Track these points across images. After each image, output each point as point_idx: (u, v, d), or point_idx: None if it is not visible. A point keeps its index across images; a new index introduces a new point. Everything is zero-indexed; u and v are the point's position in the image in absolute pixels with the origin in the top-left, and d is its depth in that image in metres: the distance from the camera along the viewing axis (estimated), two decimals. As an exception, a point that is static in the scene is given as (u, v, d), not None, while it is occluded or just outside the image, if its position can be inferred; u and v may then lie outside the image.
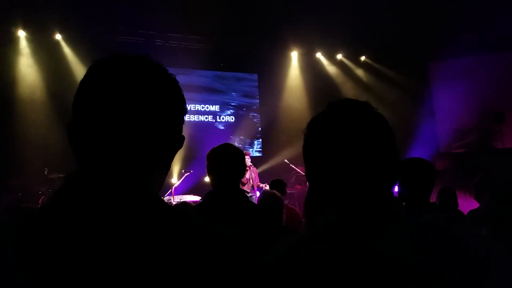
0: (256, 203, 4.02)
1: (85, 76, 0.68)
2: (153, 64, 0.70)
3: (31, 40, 7.17)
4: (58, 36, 7.29)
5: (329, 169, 0.78)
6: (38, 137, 6.55)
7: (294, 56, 9.60)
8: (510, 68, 8.64)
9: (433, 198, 3.42)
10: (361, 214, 0.76)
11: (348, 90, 9.48)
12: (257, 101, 9.77)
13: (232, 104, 9.55)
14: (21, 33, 7.07)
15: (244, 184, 6.30)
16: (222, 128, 9.23)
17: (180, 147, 0.74)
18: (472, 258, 0.73)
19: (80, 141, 0.65)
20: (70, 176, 0.63)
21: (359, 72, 9.84)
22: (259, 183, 6.55)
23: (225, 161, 1.82)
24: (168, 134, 0.70)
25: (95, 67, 0.68)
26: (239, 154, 1.88)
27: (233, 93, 9.58)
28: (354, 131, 0.77)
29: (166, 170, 0.73)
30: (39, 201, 5.78)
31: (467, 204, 3.86)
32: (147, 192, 0.65)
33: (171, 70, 0.72)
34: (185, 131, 0.74)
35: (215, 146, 1.91)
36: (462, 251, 0.73)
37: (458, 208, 3.31)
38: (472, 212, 2.95)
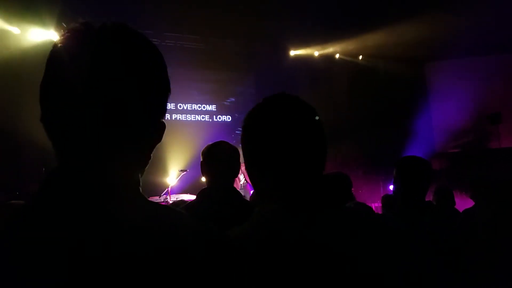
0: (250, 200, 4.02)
1: (48, 60, 0.59)
2: (131, 34, 0.60)
3: (25, 37, 7.12)
4: (52, 34, 7.25)
5: (262, 161, 0.81)
6: (36, 136, 6.49)
7: (291, 55, 9.59)
8: (507, 69, 8.69)
9: (429, 198, 3.44)
10: (293, 205, 0.78)
11: (345, 89, 9.49)
12: (254, 101, 9.73)
13: (229, 104, 9.54)
14: (16, 30, 7.03)
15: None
16: (219, 127, 9.20)
17: (161, 138, 0.64)
18: (390, 234, 0.79)
19: (55, 133, 0.59)
20: (51, 173, 0.57)
21: (356, 71, 9.85)
22: None
23: (220, 158, 1.80)
24: (150, 121, 0.61)
25: (59, 48, 0.58)
26: (235, 151, 1.87)
27: (229, 93, 9.56)
28: (282, 123, 0.80)
29: (144, 164, 0.64)
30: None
31: (463, 203, 3.87)
32: (126, 188, 0.58)
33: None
34: (182, 131, 0.69)
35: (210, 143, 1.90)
36: (382, 231, 0.79)
37: (455, 207, 3.32)
38: (466, 211, 2.95)
